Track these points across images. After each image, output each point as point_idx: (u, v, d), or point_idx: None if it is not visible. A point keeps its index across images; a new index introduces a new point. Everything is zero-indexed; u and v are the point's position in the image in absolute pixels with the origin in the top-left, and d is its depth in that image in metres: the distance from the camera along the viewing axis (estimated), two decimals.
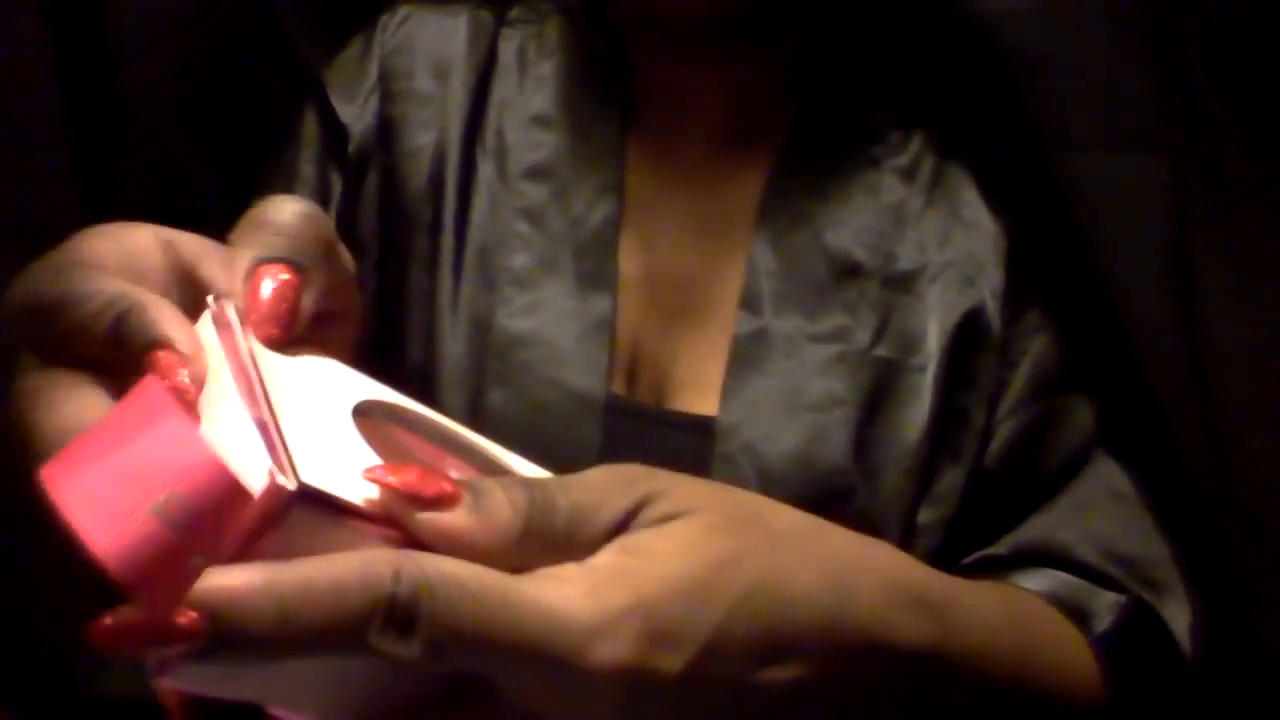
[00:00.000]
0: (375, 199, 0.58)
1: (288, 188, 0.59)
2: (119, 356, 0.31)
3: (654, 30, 0.57)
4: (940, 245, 0.55)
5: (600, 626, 0.30)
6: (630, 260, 0.56)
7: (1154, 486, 0.51)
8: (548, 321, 0.54)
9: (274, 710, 0.31)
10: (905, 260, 0.54)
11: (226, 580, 0.27)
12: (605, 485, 0.32)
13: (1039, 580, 0.50)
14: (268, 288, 0.33)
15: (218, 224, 0.62)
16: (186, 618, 0.27)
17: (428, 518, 0.30)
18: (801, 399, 0.52)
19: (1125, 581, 0.50)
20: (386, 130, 0.58)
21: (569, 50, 0.59)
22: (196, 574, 0.27)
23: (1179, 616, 0.49)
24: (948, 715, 0.37)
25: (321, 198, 0.59)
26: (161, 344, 0.31)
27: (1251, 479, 0.48)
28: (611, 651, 0.30)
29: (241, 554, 0.28)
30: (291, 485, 0.28)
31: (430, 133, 0.57)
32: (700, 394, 0.54)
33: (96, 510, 0.27)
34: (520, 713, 0.30)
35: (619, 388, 0.55)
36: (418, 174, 0.57)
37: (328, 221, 0.36)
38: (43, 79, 0.55)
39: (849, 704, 0.34)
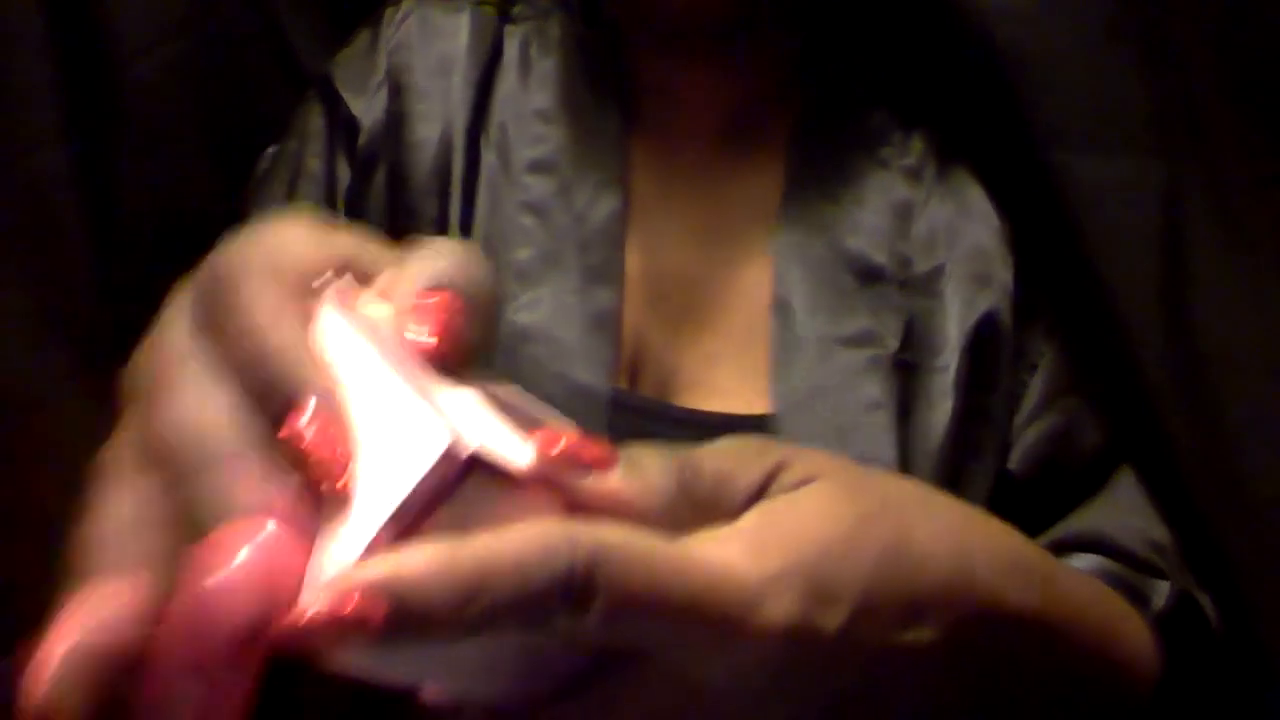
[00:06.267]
0: (383, 193, 0.58)
1: (293, 183, 0.59)
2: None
3: (649, 29, 0.57)
4: (952, 243, 0.55)
5: (766, 585, 0.30)
6: (634, 257, 0.56)
7: (1154, 491, 0.52)
8: (552, 316, 0.54)
9: (429, 692, 0.31)
10: (921, 262, 0.55)
11: (407, 562, 0.27)
12: (739, 453, 0.33)
13: (1087, 564, 0.49)
14: (436, 315, 0.31)
15: (218, 224, 0.62)
16: (369, 608, 0.26)
17: (591, 481, 0.30)
18: (846, 404, 0.53)
19: (1167, 570, 0.49)
20: (394, 123, 0.58)
21: (570, 47, 0.59)
22: None
23: (1210, 609, 0.49)
24: (1046, 683, 0.37)
25: (329, 192, 0.59)
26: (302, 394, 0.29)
27: (1250, 482, 0.48)
28: (779, 610, 0.30)
29: (409, 531, 0.28)
30: (468, 450, 0.27)
31: (434, 126, 0.57)
32: (711, 394, 0.54)
33: None
34: (673, 684, 0.30)
35: (621, 383, 0.55)
36: (422, 167, 0.57)
37: (484, 263, 0.34)
38: (43, 79, 0.55)
39: (969, 669, 0.34)
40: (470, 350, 0.32)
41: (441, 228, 0.56)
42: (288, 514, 0.27)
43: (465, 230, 0.56)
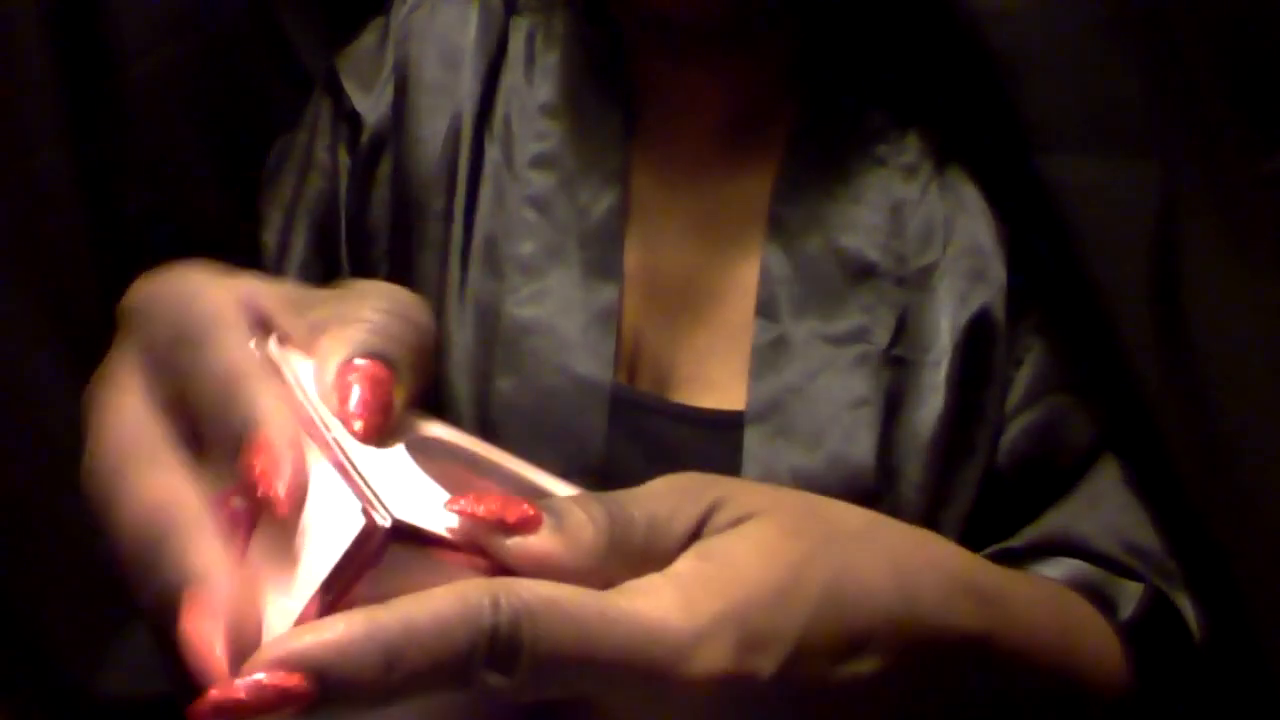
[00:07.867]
0: (387, 187, 0.58)
1: (302, 176, 0.60)
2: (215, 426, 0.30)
3: (650, 28, 0.57)
4: (948, 240, 0.55)
5: (697, 636, 0.30)
6: (634, 254, 0.56)
7: (1148, 491, 0.52)
8: (554, 310, 0.55)
9: None
10: (917, 259, 0.55)
11: (326, 634, 0.27)
12: (673, 494, 0.33)
13: (1058, 569, 0.50)
14: (359, 392, 0.31)
15: (218, 224, 0.62)
16: (291, 680, 0.26)
17: (516, 543, 0.30)
18: (828, 401, 0.53)
19: (1143, 572, 0.50)
20: (400, 117, 0.58)
21: (573, 44, 0.59)
22: None
23: (1190, 609, 0.49)
24: (998, 701, 0.37)
25: (334, 186, 0.59)
26: (256, 428, 0.29)
27: (1248, 482, 0.48)
28: (710, 660, 0.30)
29: (335, 602, 0.28)
30: (386, 522, 0.27)
31: (441, 120, 0.58)
32: (705, 390, 0.55)
33: None
34: None
35: (621, 378, 0.55)
36: (428, 160, 0.57)
37: (423, 307, 0.34)
38: (43, 79, 0.55)
39: (915, 692, 0.34)
40: (400, 411, 0.32)
41: (447, 221, 0.57)
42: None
43: (468, 223, 0.56)
